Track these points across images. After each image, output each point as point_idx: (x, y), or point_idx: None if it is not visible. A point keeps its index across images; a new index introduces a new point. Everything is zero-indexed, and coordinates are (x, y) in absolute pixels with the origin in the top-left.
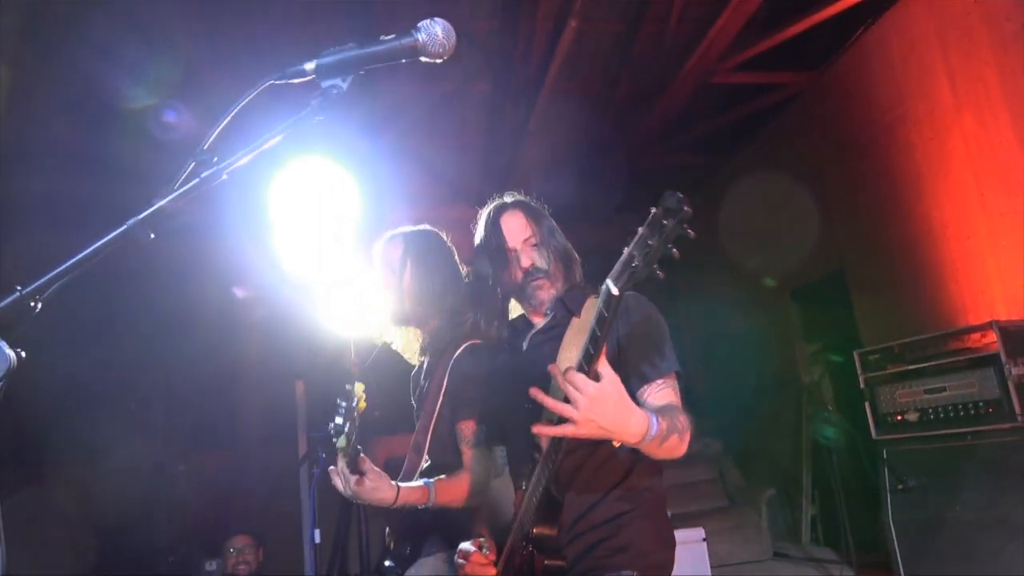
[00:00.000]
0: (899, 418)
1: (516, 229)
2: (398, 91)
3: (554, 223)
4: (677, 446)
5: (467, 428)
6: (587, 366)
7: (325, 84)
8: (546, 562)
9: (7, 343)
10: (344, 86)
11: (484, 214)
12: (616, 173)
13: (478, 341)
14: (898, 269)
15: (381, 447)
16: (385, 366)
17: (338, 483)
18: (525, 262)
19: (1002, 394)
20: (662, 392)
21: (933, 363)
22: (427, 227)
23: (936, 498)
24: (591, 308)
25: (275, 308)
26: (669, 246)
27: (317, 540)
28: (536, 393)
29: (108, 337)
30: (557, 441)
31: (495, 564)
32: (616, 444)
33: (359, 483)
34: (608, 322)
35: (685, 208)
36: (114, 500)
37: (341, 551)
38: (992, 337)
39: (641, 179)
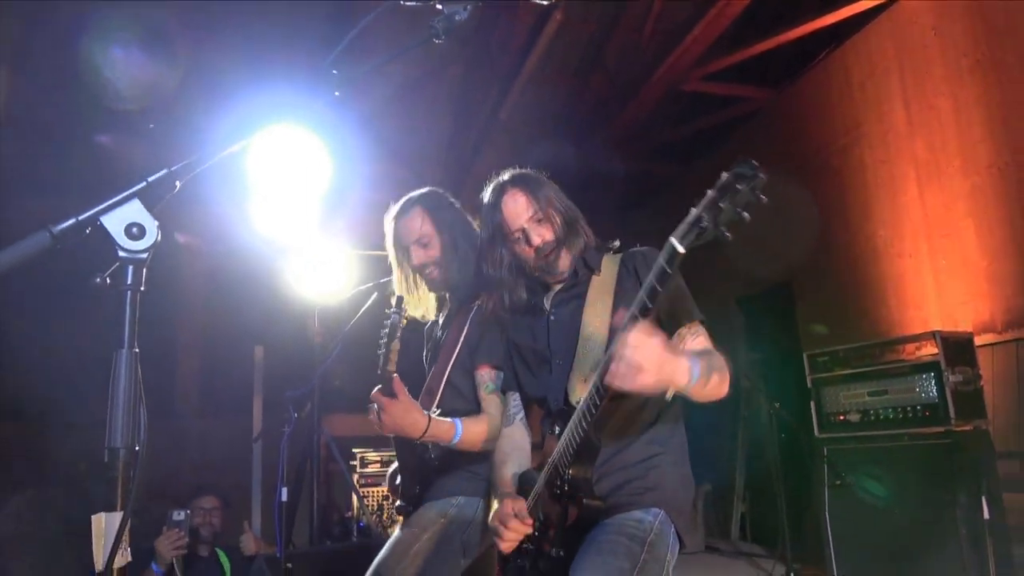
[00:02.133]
0: (841, 418)
1: (519, 209)
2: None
3: (554, 187)
4: (719, 385)
5: (487, 374)
6: (641, 317)
7: (448, 9)
8: (585, 501)
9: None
10: (465, 14)
11: (486, 197)
12: (580, 173)
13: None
14: (843, 284)
15: (335, 424)
16: (355, 341)
17: (372, 416)
18: (535, 240)
19: (939, 399)
20: (697, 339)
21: (878, 367)
22: (432, 189)
23: (871, 495)
24: (609, 265)
25: (220, 260)
26: (739, 210)
27: (284, 498)
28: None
29: (77, 297)
30: (599, 392)
31: (528, 513)
32: (668, 395)
33: (392, 405)
34: (670, 278)
35: (760, 175)
36: (66, 455)
37: (292, 513)
38: (933, 347)
39: (603, 182)
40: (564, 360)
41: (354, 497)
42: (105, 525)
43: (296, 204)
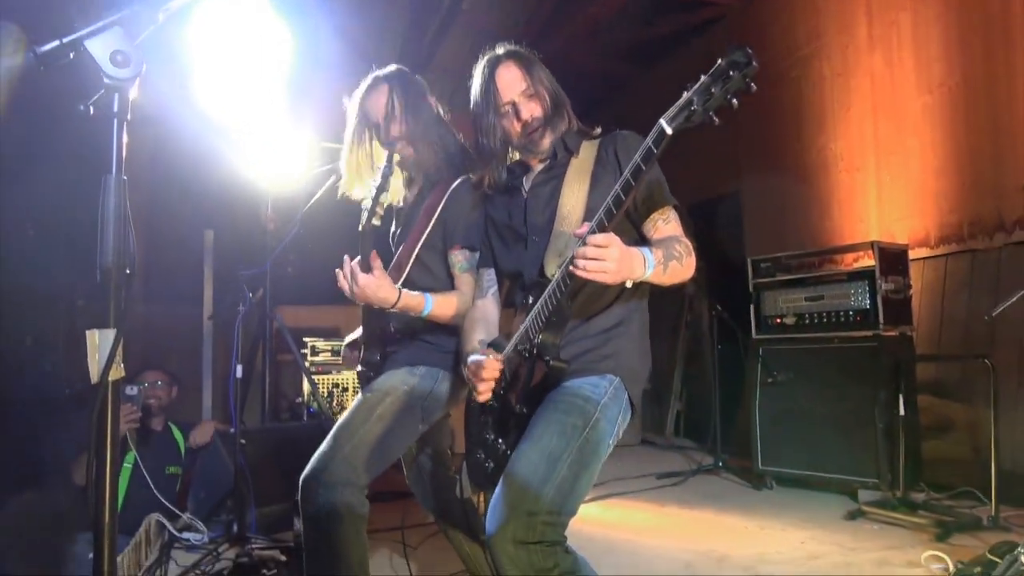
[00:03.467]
0: (778, 321)
1: (511, 82)
2: None
3: (545, 69)
4: (680, 270)
5: (460, 254)
6: (624, 196)
7: None
8: (552, 363)
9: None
10: None
11: (479, 68)
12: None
13: (473, 176)
14: (791, 194)
15: (286, 315)
16: (310, 227)
17: (343, 281)
18: (524, 114)
19: (871, 305)
20: (668, 224)
21: (816, 274)
22: (399, 67)
23: (799, 392)
24: (588, 148)
25: (164, 140)
26: (729, 96)
27: (239, 375)
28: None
29: (24, 173)
30: (571, 272)
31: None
32: (628, 284)
33: (366, 279)
34: (655, 159)
35: (753, 63)
36: (10, 328)
37: (244, 393)
38: (870, 257)
39: (565, 79)
40: (540, 238)
41: (305, 383)
42: (99, 341)
43: (249, 83)
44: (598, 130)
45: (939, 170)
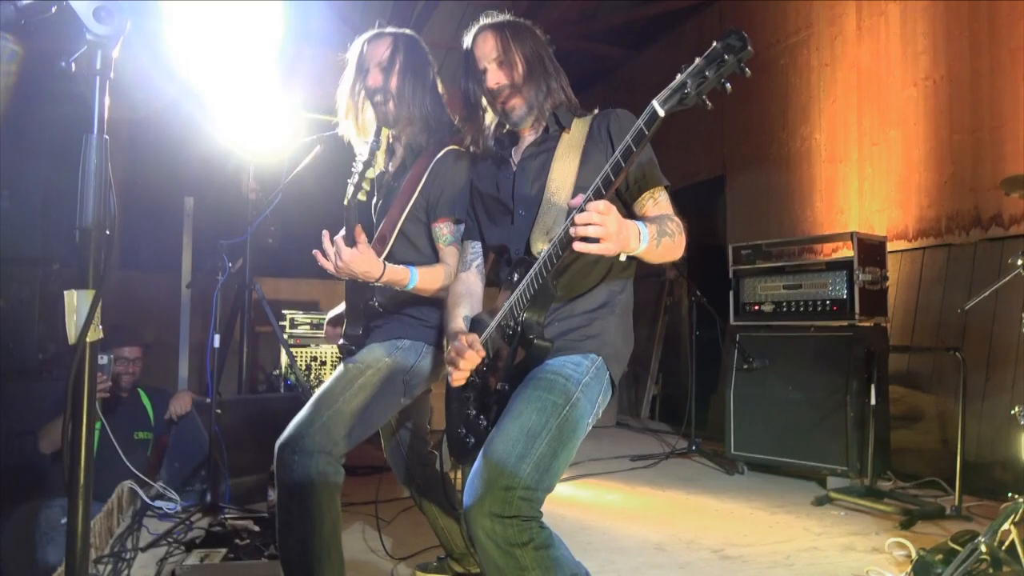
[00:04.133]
0: (756, 308)
1: (486, 49)
2: None
3: (538, 39)
4: (672, 247)
5: (445, 226)
6: (614, 176)
7: None
8: (536, 341)
9: None
10: None
11: (466, 38)
12: None
13: (460, 147)
14: (774, 181)
15: (265, 287)
16: (293, 196)
17: (325, 260)
18: (490, 82)
19: (848, 295)
20: (659, 204)
21: (795, 262)
22: (411, 32)
23: (774, 379)
24: (580, 125)
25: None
26: (723, 80)
27: (216, 345)
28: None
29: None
30: (563, 244)
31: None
32: (622, 257)
33: (350, 253)
34: (646, 140)
35: (748, 47)
36: None
37: (222, 363)
38: (849, 248)
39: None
40: (528, 212)
41: (283, 355)
42: (77, 302)
43: (234, 50)
44: (596, 111)
45: (918, 163)
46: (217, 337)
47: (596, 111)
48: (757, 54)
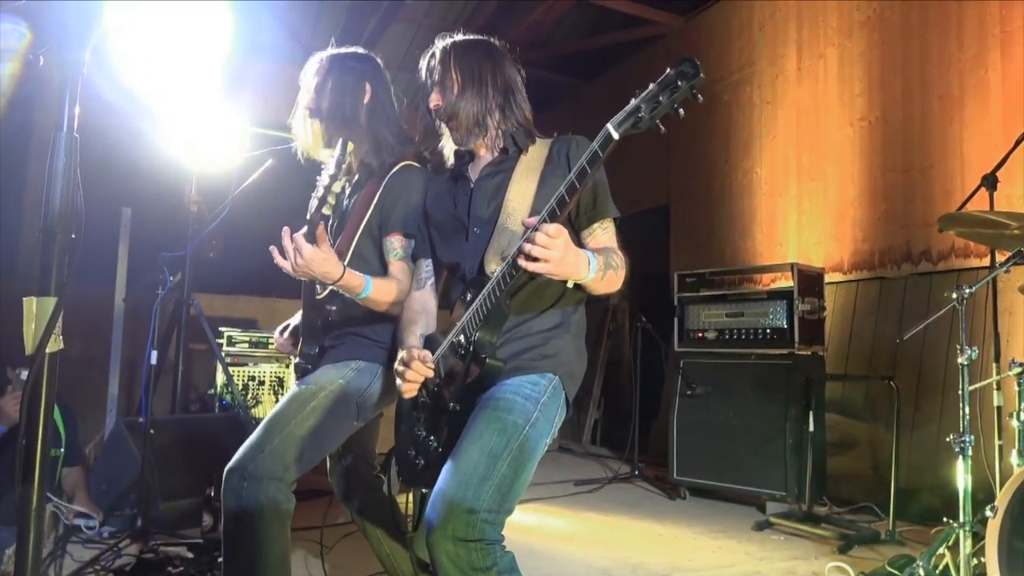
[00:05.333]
0: (700, 335)
1: (429, 71)
2: None
3: (491, 59)
4: (614, 280)
5: (396, 241)
6: (568, 197)
7: None
8: (488, 361)
9: None
10: None
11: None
12: None
13: (414, 163)
14: (717, 212)
15: (203, 304)
16: (240, 212)
17: (283, 259)
18: (430, 102)
19: (788, 324)
20: (606, 235)
21: (738, 291)
22: (358, 50)
23: (716, 405)
24: (539, 147)
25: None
26: (676, 105)
27: (153, 361)
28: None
29: None
30: (516, 264)
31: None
32: (569, 284)
33: (311, 251)
34: (600, 162)
35: (700, 74)
36: None
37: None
38: (789, 278)
39: None
40: (482, 231)
41: (219, 373)
42: (36, 309)
43: (180, 58)
44: (555, 135)
45: (855, 200)
46: (154, 353)
47: (556, 135)
48: (703, 87)
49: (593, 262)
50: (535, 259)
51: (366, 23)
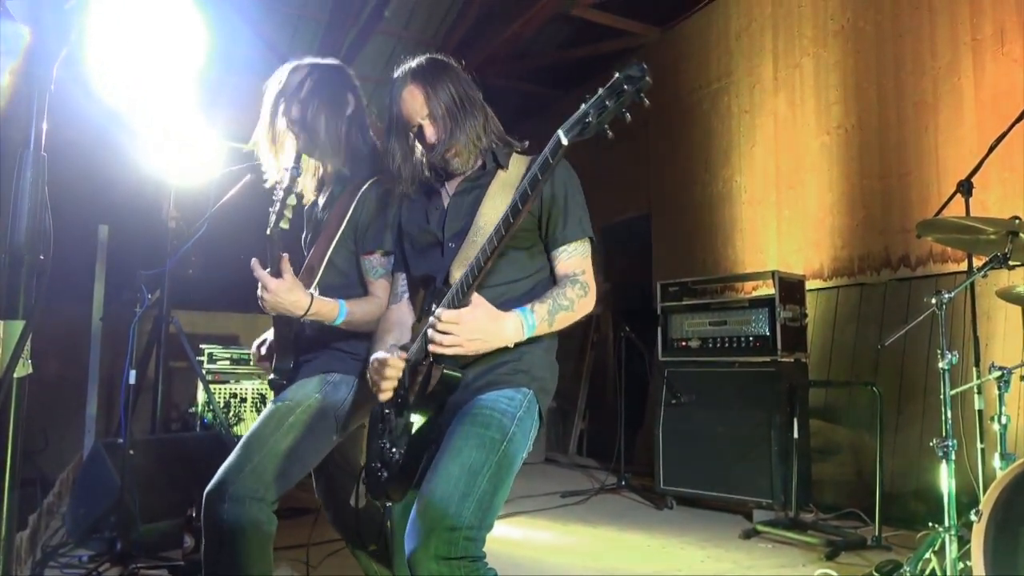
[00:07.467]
0: (684, 344)
1: (416, 107)
2: None
3: (459, 78)
4: (571, 316)
5: (376, 259)
6: (521, 206)
7: None
8: (445, 371)
9: None
10: None
11: (393, 84)
12: None
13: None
14: (698, 221)
15: (183, 321)
16: (219, 226)
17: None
18: (429, 138)
19: (770, 332)
20: (572, 259)
21: (721, 299)
22: (335, 61)
23: (701, 414)
24: (518, 164)
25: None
26: (623, 111)
27: (132, 380)
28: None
29: None
30: (474, 274)
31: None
32: (511, 345)
33: (276, 284)
34: (551, 168)
35: (647, 78)
36: None
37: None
38: (770, 286)
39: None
40: (457, 245)
41: (200, 392)
42: (3, 332)
43: (156, 72)
44: (526, 143)
45: (833, 208)
46: (133, 373)
47: (526, 144)
48: (682, 97)
49: (528, 320)
50: (445, 344)
51: (344, 36)
